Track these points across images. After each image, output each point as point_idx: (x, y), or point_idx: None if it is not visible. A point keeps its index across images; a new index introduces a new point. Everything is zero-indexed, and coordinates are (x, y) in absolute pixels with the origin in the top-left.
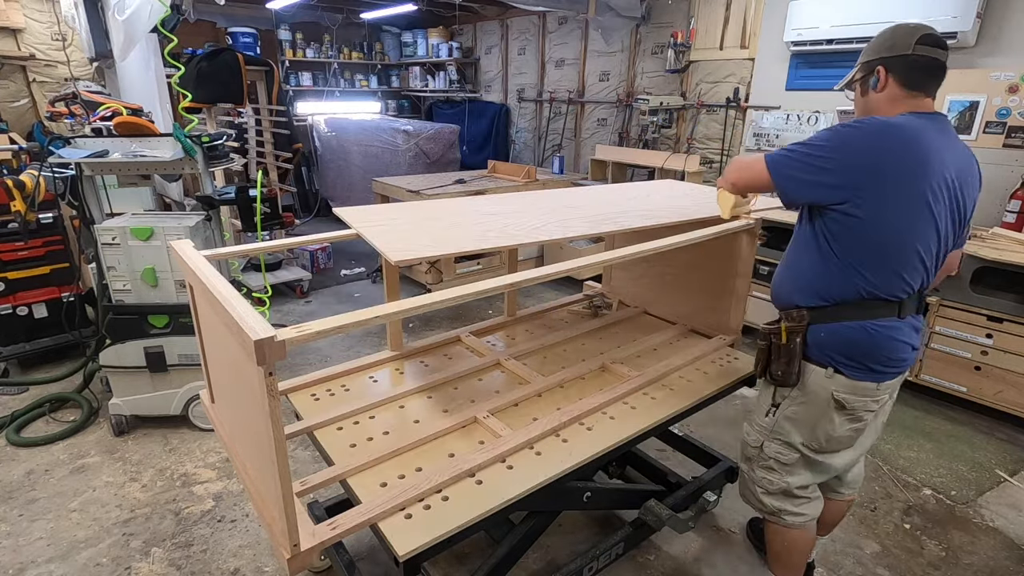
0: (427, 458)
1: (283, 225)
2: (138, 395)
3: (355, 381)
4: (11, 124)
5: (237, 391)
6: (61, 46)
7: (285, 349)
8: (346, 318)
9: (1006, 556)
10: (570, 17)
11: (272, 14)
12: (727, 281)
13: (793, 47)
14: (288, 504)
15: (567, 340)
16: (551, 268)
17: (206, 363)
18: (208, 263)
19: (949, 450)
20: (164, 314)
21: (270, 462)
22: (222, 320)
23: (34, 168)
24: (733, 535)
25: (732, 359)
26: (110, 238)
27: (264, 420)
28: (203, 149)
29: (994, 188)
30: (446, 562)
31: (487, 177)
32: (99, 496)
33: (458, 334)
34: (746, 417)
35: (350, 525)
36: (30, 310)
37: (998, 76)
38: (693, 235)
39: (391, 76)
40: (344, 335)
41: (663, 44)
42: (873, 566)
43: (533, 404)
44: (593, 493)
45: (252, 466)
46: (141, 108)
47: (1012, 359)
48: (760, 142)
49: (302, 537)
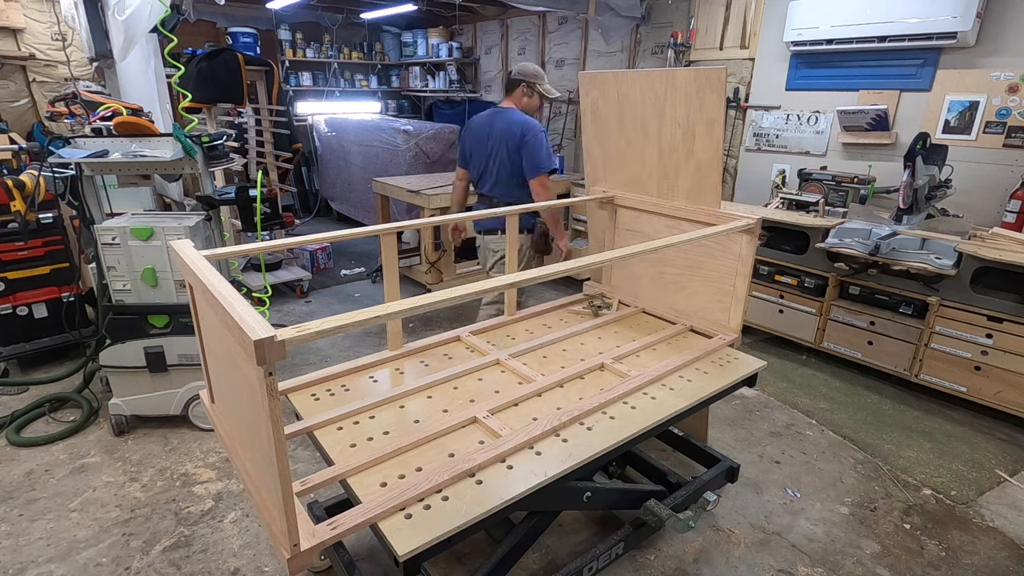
0: (427, 458)
1: (283, 225)
2: (138, 395)
3: (355, 381)
4: (11, 124)
5: (237, 391)
6: (61, 46)
7: (285, 349)
8: (346, 318)
9: (1006, 556)
10: (570, 17)
11: (272, 14)
12: (727, 281)
13: (793, 47)
14: (288, 504)
15: (567, 339)
16: (549, 268)
17: (206, 363)
18: (208, 263)
19: (949, 450)
20: (164, 314)
21: (270, 462)
22: (222, 320)
23: (34, 168)
24: (733, 535)
25: (732, 359)
26: (110, 238)
27: (264, 420)
28: (203, 149)
29: (994, 188)
30: (446, 562)
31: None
32: (99, 496)
33: (458, 333)
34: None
35: (350, 525)
36: (30, 310)
37: (998, 76)
38: (693, 235)
39: (391, 76)
40: (344, 335)
41: (663, 44)
42: (873, 566)
43: (533, 404)
44: (593, 493)
45: (252, 466)
46: (141, 108)
47: (1012, 359)
48: (760, 142)
49: (302, 537)
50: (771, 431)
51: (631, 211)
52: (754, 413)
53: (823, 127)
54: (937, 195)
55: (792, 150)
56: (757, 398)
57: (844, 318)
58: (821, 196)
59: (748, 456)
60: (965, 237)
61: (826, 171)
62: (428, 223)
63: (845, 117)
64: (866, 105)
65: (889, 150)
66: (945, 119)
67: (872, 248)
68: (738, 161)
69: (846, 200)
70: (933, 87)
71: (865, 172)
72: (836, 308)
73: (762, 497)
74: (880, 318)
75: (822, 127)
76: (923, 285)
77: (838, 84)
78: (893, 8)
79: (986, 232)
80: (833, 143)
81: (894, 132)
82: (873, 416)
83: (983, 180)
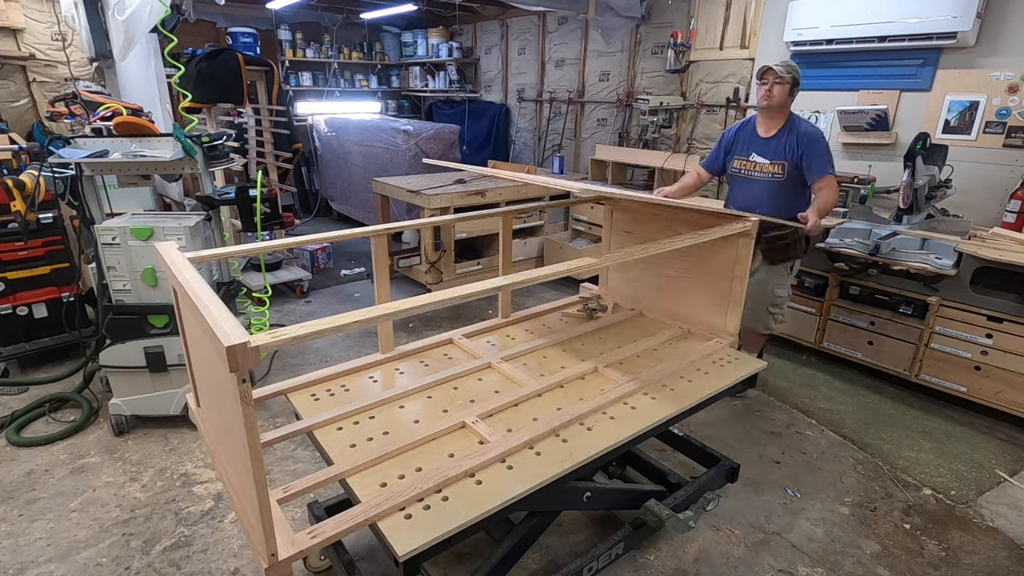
0: (427, 458)
1: (283, 225)
2: (138, 395)
3: (355, 381)
4: (11, 124)
5: (217, 396)
6: (61, 46)
7: (259, 355)
8: (327, 322)
9: (1006, 556)
10: (570, 17)
11: (272, 14)
12: (723, 284)
13: (793, 47)
14: (265, 513)
15: (567, 341)
16: (548, 269)
17: (191, 366)
18: (191, 266)
19: (949, 450)
20: (164, 314)
21: (246, 470)
22: (199, 325)
23: (34, 168)
24: (733, 535)
25: (732, 359)
26: (110, 238)
27: (239, 427)
28: (203, 149)
29: (994, 188)
30: (446, 562)
31: (487, 177)
32: (99, 496)
33: (458, 334)
34: (771, 284)
35: (331, 533)
36: (30, 310)
37: (998, 76)
38: (690, 238)
39: (391, 76)
40: (344, 335)
41: (663, 44)
42: (873, 566)
43: (533, 404)
44: (593, 493)
45: (233, 472)
46: (141, 108)
47: (1012, 359)
48: None
49: (280, 546)
50: (771, 431)
51: (628, 212)
52: (754, 413)
53: (823, 127)
54: (937, 195)
55: None
56: (757, 398)
57: (844, 318)
58: None
59: (748, 456)
60: (965, 237)
61: None
62: (425, 223)
63: (845, 117)
64: (866, 105)
65: (889, 150)
66: (945, 119)
67: (872, 248)
68: None
69: (846, 200)
70: (933, 87)
71: (865, 172)
72: (836, 308)
73: (762, 497)
74: (880, 318)
75: (822, 127)
76: (923, 285)
77: (838, 84)
78: (893, 8)
79: (986, 232)
80: (833, 143)
81: (894, 132)
82: (873, 416)
83: (983, 180)
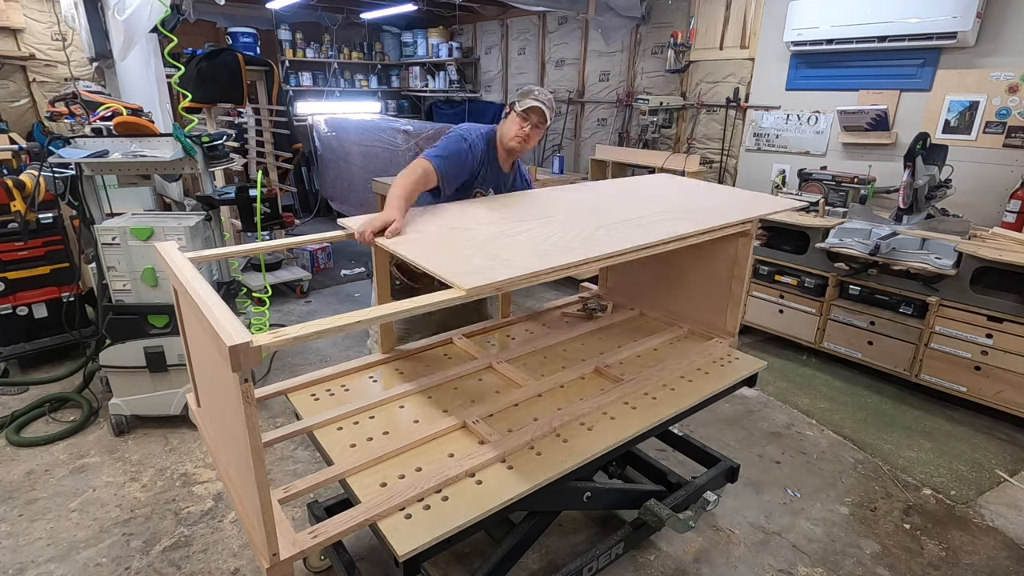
0: (427, 458)
1: (283, 225)
2: (138, 395)
3: (355, 381)
4: (11, 124)
5: (218, 396)
6: (61, 46)
7: (261, 355)
8: (328, 322)
9: (1006, 556)
10: (570, 17)
11: (272, 14)
12: (724, 283)
13: (793, 47)
14: (267, 513)
15: (567, 341)
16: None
17: (191, 366)
18: (191, 266)
19: (949, 450)
20: (164, 314)
21: (248, 470)
22: (201, 324)
23: (34, 168)
24: (733, 535)
25: (732, 359)
26: (110, 238)
27: (240, 427)
28: (203, 149)
29: (994, 188)
30: (446, 562)
31: None
32: (99, 496)
33: (458, 334)
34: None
35: (332, 533)
36: (30, 310)
37: (998, 76)
38: (690, 237)
39: (391, 76)
40: (344, 335)
41: (663, 44)
42: (873, 566)
43: (533, 404)
44: (593, 493)
45: (234, 472)
46: (141, 108)
47: (1012, 359)
48: (760, 142)
49: (282, 546)
50: (771, 431)
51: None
52: (754, 413)
53: (823, 127)
54: (937, 195)
55: (792, 150)
56: (757, 398)
57: (844, 318)
58: (821, 196)
59: (748, 456)
60: (965, 237)
61: (826, 171)
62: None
63: (845, 117)
64: (866, 105)
65: (889, 150)
66: (945, 119)
67: (872, 248)
68: (738, 161)
69: (846, 200)
70: (933, 87)
71: (865, 172)
72: (836, 308)
73: (762, 497)
74: (880, 318)
75: (822, 127)
76: (923, 285)
77: (838, 84)
78: (893, 8)
79: (986, 232)
80: (833, 143)
81: (894, 132)
82: (873, 416)
83: (983, 180)
